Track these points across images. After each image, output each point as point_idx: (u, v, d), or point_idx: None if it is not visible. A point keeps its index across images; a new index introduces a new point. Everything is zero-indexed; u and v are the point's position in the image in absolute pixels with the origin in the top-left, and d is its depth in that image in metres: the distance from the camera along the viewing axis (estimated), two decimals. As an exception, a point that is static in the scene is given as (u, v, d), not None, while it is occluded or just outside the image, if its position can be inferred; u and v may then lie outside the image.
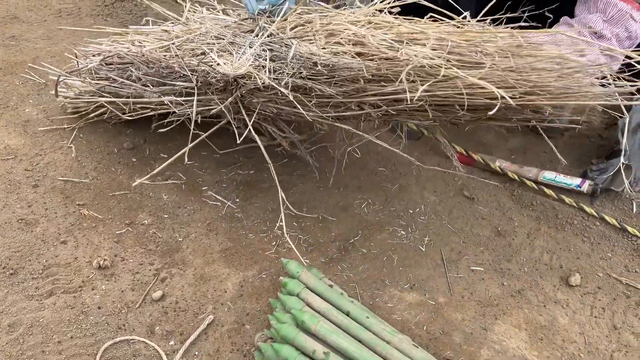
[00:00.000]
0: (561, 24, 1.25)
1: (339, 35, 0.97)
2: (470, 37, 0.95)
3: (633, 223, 1.27)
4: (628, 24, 1.19)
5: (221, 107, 1.03)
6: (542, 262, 1.20)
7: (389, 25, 0.98)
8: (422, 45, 0.92)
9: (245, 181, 1.32)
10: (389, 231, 1.23)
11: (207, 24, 1.16)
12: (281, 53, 0.99)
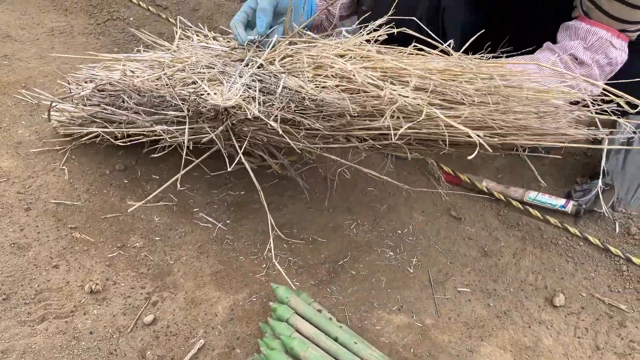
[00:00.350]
0: (544, 49, 1.28)
1: (327, 69, 0.99)
2: (452, 75, 0.97)
3: (616, 243, 1.30)
4: (608, 50, 1.22)
5: (212, 135, 1.06)
6: (527, 283, 1.22)
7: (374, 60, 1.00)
8: (406, 83, 0.95)
9: (236, 202, 1.34)
10: (377, 252, 1.25)
11: (198, 52, 1.18)
12: (270, 85, 1.01)
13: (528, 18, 1.39)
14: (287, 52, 1.09)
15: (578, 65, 1.24)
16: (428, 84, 0.95)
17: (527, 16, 1.39)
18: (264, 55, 1.10)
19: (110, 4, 2.00)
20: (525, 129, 0.97)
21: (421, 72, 0.96)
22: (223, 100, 0.99)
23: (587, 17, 1.24)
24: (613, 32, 1.22)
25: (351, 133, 0.98)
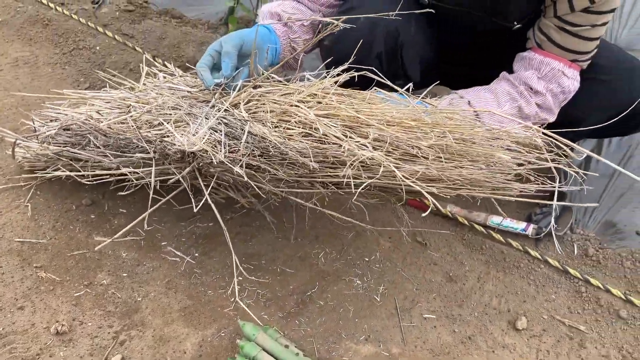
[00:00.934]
0: (501, 79, 1.33)
1: (291, 115, 1.03)
2: (408, 128, 1.02)
3: (575, 265, 1.35)
4: (561, 80, 1.27)
5: (178, 177, 1.07)
6: (491, 307, 1.26)
7: (336, 108, 1.04)
8: (365, 134, 0.99)
9: (204, 234, 1.34)
10: (345, 281, 1.27)
11: (164, 93, 1.19)
12: (236, 130, 1.03)
13: (485, 49, 1.44)
14: (253, 96, 1.12)
15: (533, 95, 1.29)
16: (386, 137, 0.99)
17: (484, 47, 1.44)
18: (230, 99, 1.12)
19: (76, 33, 1.99)
20: (477, 182, 1.03)
21: (379, 124, 1.00)
22: (189, 145, 1.00)
23: (540, 49, 1.29)
24: (565, 62, 1.27)
25: (314, 180, 1.01)
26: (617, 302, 1.26)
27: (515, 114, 1.30)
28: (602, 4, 1.16)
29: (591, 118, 1.35)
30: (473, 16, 1.29)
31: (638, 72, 1.34)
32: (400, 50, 1.26)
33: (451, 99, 1.30)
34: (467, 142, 1.03)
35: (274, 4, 1.34)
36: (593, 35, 1.23)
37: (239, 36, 1.19)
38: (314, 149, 0.98)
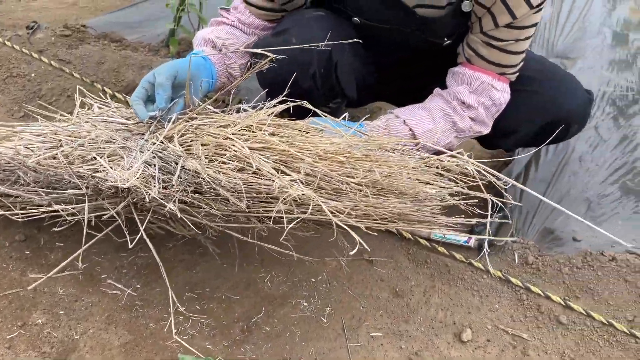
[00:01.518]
0: (435, 95, 1.36)
1: (226, 150, 1.04)
2: (339, 163, 1.04)
3: (516, 274, 1.38)
4: (491, 93, 1.31)
5: (112, 212, 1.05)
6: (437, 320, 1.27)
7: (270, 142, 1.05)
8: (298, 171, 1.01)
9: (146, 264, 1.31)
10: (291, 304, 1.26)
11: (98, 126, 1.17)
12: (170, 164, 1.03)
13: (420, 64, 1.47)
14: (188, 128, 1.11)
15: (466, 109, 1.33)
16: (317, 172, 1.01)
17: (419, 63, 1.47)
18: (164, 133, 1.10)
19: (10, 60, 1.93)
20: (405, 216, 1.06)
21: (312, 158, 1.02)
22: (121, 181, 0.98)
23: (469, 63, 1.32)
24: (494, 75, 1.31)
25: (249, 215, 1.02)
26: (557, 308, 1.29)
27: (449, 129, 1.33)
28: (523, 19, 1.21)
29: (523, 128, 1.40)
30: (403, 34, 1.32)
31: (565, 82, 1.39)
32: (334, 69, 1.27)
33: (387, 119, 1.32)
34: (395, 176, 1.05)
35: (208, 30, 1.34)
36: (518, 49, 1.27)
37: (172, 67, 1.18)
38: (247, 185, 0.99)
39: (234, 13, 1.36)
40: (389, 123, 1.30)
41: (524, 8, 1.18)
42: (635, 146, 1.85)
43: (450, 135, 1.34)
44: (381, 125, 1.31)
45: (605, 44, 2.71)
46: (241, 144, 1.04)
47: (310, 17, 1.28)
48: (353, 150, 1.07)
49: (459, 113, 1.31)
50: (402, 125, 1.31)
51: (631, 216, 1.53)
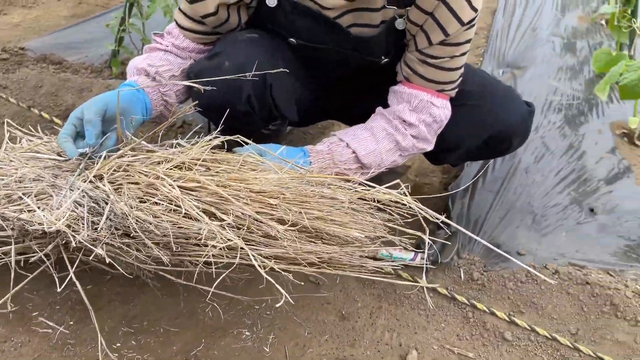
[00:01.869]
0: (377, 115, 1.35)
1: (158, 189, 1.02)
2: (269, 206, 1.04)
3: (462, 291, 1.37)
4: (431, 110, 1.31)
5: (40, 254, 1.01)
6: (383, 342, 1.25)
7: (202, 182, 1.04)
8: (228, 215, 1.01)
9: (80, 299, 1.24)
10: (233, 334, 1.22)
11: (26, 163, 1.13)
12: (99, 205, 1.00)
13: (362, 83, 1.46)
14: (119, 166, 1.09)
15: (408, 127, 1.32)
16: (247, 215, 1.01)
17: (361, 81, 1.46)
18: (94, 171, 1.08)
19: (-57, 86, 1.86)
20: (336, 260, 1.07)
21: (244, 200, 1.02)
22: (48, 224, 0.96)
23: (408, 82, 1.32)
24: (432, 93, 1.31)
25: (180, 258, 1.01)
26: (502, 324, 1.29)
27: (392, 148, 1.32)
28: (456, 36, 1.21)
29: (466, 143, 1.41)
30: (341, 53, 1.31)
31: (505, 96, 1.40)
32: (270, 91, 1.25)
33: (330, 143, 1.30)
34: (325, 220, 1.05)
35: (141, 59, 1.30)
36: (454, 65, 1.27)
37: (102, 101, 1.14)
38: (177, 229, 0.98)
39: (167, 38, 1.33)
40: (332, 147, 1.29)
41: (455, 25, 1.18)
42: (580, 155, 1.88)
43: (394, 154, 1.34)
44: (324, 150, 1.30)
45: (554, 53, 2.76)
46: (171, 183, 1.02)
47: (243, 39, 1.26)
48: (286, 190, 1.07)
49: (401, 132, 1.31)
50: (345, 148, 1.30)
51: (575, 227, 1.55)
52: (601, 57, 2.33)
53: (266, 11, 1.25)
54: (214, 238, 0.97)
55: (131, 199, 1.03)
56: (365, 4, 1.21)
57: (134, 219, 0.98)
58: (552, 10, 3.33)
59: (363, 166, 1.31)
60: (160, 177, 1.05)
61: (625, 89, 1.79)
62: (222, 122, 1.36)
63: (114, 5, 2.83)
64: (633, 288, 1.33)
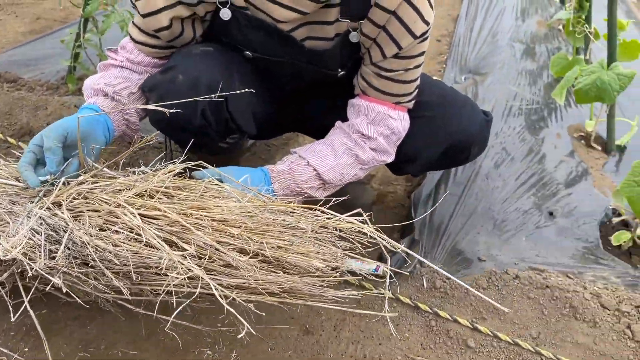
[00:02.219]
0: (336, 129, 1.35)
1: (119, 217, 1.01)
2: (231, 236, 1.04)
3: (424, 299, 1.37)
4: (388, 122, 1.31)
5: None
6: (347, 355, 1.24)
7: (163, 211, 1.04)
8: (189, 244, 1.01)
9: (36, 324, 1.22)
10: (194, 354, 1.20)
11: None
12: (57, 233, 0.99)
13: (321, 95, 1.46)
14: (79, 193, 1.07)
15: (367, 140, 1.32)
16: (208, 246, 1.01)
17: (320, 94, 1.46)
18: (52, 197, 1.06)
19: None
20: (297, 290, 1.08)
21: (203, 232, 1.02)
22: (3, 252, 0.95)
23: (365, 94, 1.32)
24: (389, 105, 1.32)
25: (141, 287, 1.01)
26: (465, 331, 1.30)
27: (353, 162, 1.32)
28: (409, 49, 1.22)
29: (426, 153, 1.41)
30: (297, 66, 1.30)
31: (463, 106, 1.41)
32: (225, 105, 1.24)
33: (291, 162, 1.30)
34: (287, 251, 1.05)
35: (97, 77, 1.28)
36: (409, 77, 1.28)
37: (61, 127, 1.12)
38: (137, 259, 0.97)
39: (122, 53, 1.31)
40: (293, 167, 1.29)
41: (408, 38, 1.19)
42: (540, 159, 1.91)
43: (355, 168, 1.34)
44: (285, 170, 1.29)
45: (514, 58, 2.82)
46: (132, 211, 1.02)
47: (197, 52, 1.25)
48: (248, 219, 1.06)
49: (360, 145, 1.31)
50: (306, 167, 1.29)
51: (535, 231, 1.57)
52: (558, 61, 2.39)
53: (220, 25, 1.24)
54: (175, 268, 0.96)
55: (91, 227, 1.02)
56: (318, 18, 1.21)
57: (93, 248, 0.97)
58: (512, 16, 3.40)
59: (325, 182, 1.32)
60: (121, 205, 1.04)
61: (579, 93, 1.84)
62: (179, 137, 1.35)
63: (72, 19, 2.78)
64: (591, 290, 1.36)
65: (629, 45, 2.06)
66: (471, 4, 3.58)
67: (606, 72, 1.78)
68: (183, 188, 1.14)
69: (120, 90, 1.26)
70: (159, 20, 1.21)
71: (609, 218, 1.65)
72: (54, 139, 1.10)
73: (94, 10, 1.80)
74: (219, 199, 1.12)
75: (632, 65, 1.94)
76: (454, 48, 2.99)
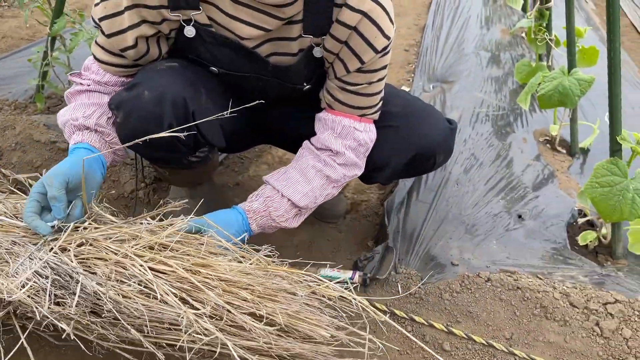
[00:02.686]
0: (304, 149, 1.37)
1: (126, 268, 1.03)
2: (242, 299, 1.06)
3: (400, 305, 1.39)
4: (355, 135, 1.33)
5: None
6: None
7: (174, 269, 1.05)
8: (201, 301, 1.02)
9: (9, 348, 1.20)
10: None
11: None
12: (63, 278, 1.00)
13: (290, 108, 1.48)
14: (86, 239, 1.09)
15: (335, 156, 1.33)
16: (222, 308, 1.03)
17: (285, 106, 1.47)
18: (58, 242, 1.08)
19: None
20: (301, 355, 1.10)
21: (217, 291, 1.04)
22: (7, 293, 0.96)
23: (331, 108, 1.34)
24: (355, 118, 1.33)
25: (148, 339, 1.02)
26: (441, 335, 1.32)
27: (325, 183, 1.33)
28: (372, 63, 1.24)
29: (392, 162, 1.43)
30: (263, 80, 1.31)
31: (426, 116, 1.43)
32: (193, 119, 1.24)
33: (265, 197, 1.31)
34: (296, 319, 1.08)
35: (70, 111, 1.26)
36: (373, 90, 1.30)
37: (62, 175, 1.13)
38: (150, 312, 0.99)
39: (87, 75, 1.30)
40: (267, 203, 1.31)
41: (370, 53, 1.21)
42: (507, 164, 1.96)
43: (327, 189, 1.35)
44: (261, 209, 1.31)
45: (480, 66, 2.88)
46: (142, 264, 1.03)
47: (162, 68, 1.25)
48: (255, 283, 1.09)
49: (329, 165, 1.32)
50: (280, 199, 1.31)
51: (505, 234, 1.61)
52: (522, 68, 2.46)
53: (185, 42, 1.25)
54: (191, 326, 0.98)
55: (102, 277, 1.03)
56: (282, 34, 1.22)
57: (108, 298, 0.98)
58: (477, 25, 3.48)
59: (300, 209, 1.33)
60: (130, 257, 1.05)
61: (543, 99, 1.89)
62: (147, 153, 1.35)
63: (40, 37, 2.75)
64: (560, 289, 1.40)
65: (588, 52, 2.13)
66: (437, 14, 3.65)
67: (567, 78, 1.84)
68: (183, 242, 1.16)
69: (99, 119, 1.26)
70: (124, 39, 1.21)
71: (575, 219, 1.70)
72: (57, 188, 1.11)
73: (61, 29, 1.78)
74: (219, 257, 1.14)
75: (592, 70, 2.02)
76: (422, 57, 3.05)
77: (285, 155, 2.07)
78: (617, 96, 1.45)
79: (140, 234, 1.13)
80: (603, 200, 1.41)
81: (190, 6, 1.18)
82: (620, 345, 1.28)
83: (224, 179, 1.90)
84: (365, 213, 1.84)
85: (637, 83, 2.83)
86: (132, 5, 1.16)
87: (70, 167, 1.15)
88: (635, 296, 1.38)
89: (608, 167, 1.42)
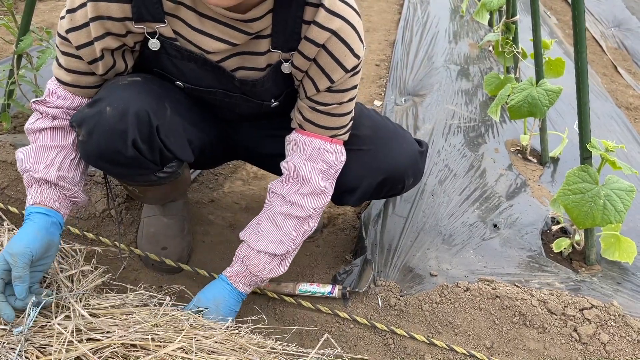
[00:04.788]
0: (270, 192, 1.35)
1: None
2: None
3: (381, 318, 1.39)
4: (325, 157, 1.31)
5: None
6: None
7: None
8: None
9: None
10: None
11: None
12: None
13: (255, 124, 1.46)
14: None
15: (302, 185, 1.29)
16: None
17: (254, 123, 1.46)
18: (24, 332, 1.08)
19: None
20: None
21: None
22: None
23: (302, 129, 1.32)
24: (325, 139, 1.31)
25: None
26: (422, 347, 1.31)
27: (297, 224, 1.30)
28: (342, 83, 1.22)
29: (362, 185, 1.40)
30: (229, 95, 1.29)
31: (395, 139, 1.41)
32: (157, 134, 1.21)
33: (242, 258, 1.30)
34: None
35: (32, 164, 1.21)
36: (343, 111, 1.28)
37: (26, 254, 1.11)
38: None
39: (52, 101, 1.23)
40: (246, 262, 1.30)
41: (339, 72, 1.19)
42: (481, 174, 1.98)
43: (303, 226, 1.32)
44: (242, 271, 1.30)
45: (450, 79, 2.93)
46: None
47: (124, 83, 1.21)
48: None
49: (296, 205, 1.29)
50: (257, 255, 1.30)
51: (481, 243, 1.62)
52: (491, 80, 2.51)
53: (150, 55, 1.22)
54: None
55: None
56: (249, 48, 1.21)
57: None
58: (445, 40, 3.55)
59: (282, 256, 1.32)
60: None
61: (513, 110, 1.93)
62: (113, 170, 1.31)
63: (5, 56, 2.69)
64: (538, 296, 1.41)
65: (554, 63, 2.19)
66: (406, 29, 3.71)
67: (535, 89, 1.88)
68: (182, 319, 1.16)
69: (60, 168, 1.22)
70: (93, 50, 1.17)
71: (549, 226, 1.73)
72: (22, 267, 1.10)
73: (27, 47, 1.74)
74: None
75: (558, 81, 2.06)
76: (393, 72, 3.08)
77: (259, 172, 2.05)
78: (586, 104, 1.48)
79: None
80: (576, 207, 1.44)
81: (154, 19, 1.15)
82: (599, 349, 1.30)
83: (198, 196, 1.87)
84: (342, 226, 1.83)
85: (600, 93, 2.91)
86: (96, 17, 1.13)
87: (32, 242, 1.13)
88: (610, 301, 1.40)
89: (579, 175, 1.44)
